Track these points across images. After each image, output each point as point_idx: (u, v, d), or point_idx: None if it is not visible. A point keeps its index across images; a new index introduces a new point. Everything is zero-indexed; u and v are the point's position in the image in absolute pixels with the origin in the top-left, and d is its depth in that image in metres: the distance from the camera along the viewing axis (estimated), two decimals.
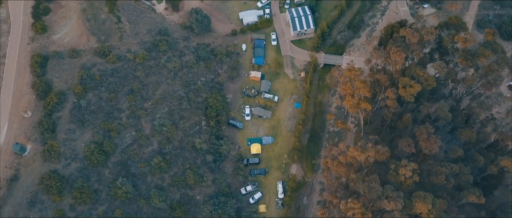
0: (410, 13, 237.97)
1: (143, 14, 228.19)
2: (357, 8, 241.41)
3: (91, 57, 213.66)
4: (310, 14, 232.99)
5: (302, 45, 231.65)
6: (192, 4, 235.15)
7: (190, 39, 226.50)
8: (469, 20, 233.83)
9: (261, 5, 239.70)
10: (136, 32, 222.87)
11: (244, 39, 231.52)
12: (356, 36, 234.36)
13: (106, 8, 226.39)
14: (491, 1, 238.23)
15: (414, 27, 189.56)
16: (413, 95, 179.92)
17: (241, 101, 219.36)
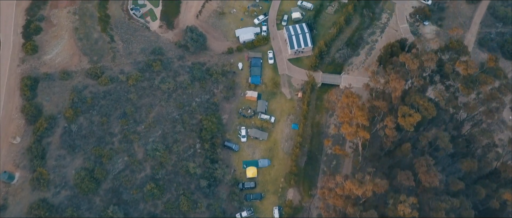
0: (410, 31, 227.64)
1: (137, 32, 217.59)
2: (356, 24, 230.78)
3: (83, 78, 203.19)
4: (308, 31, 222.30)
5: (300, 64, 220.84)
6: (187, 21, 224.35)
7: (185, 58, 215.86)
8: (470, 38, 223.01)
9: (258, 22, 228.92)
10: (130, 52, 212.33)
11: (241, 57, 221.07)
12: (355, 54, 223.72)
13: (98, 26, 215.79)
14: (493, 18, 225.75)
15: (414, 52, 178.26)
16: (412, 125, 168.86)
17: (237, 122, 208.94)
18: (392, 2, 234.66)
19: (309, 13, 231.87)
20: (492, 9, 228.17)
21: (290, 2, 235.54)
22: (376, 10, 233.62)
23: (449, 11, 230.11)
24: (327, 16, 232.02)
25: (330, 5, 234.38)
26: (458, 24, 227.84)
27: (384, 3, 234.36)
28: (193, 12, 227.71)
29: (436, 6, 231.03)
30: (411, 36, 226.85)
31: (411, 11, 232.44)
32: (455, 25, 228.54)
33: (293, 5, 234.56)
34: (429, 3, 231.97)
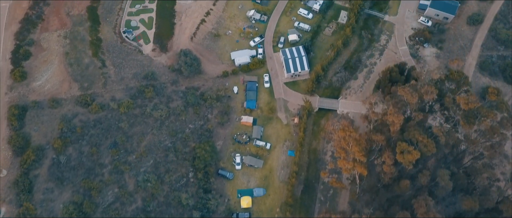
0: (409, 53, 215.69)
1: (129, 56, 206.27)
2: (354, 46, 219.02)
3: (73, 106, 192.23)
4: (304, 55, 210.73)
5: (296, 87, 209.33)
6: (181, 44, 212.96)
7: (178, 83, 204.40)
8: (471, 62, 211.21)
9: (254, 44, 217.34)
10: (122, 77, 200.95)
11: (236, 80, 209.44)
12: (353, 77, 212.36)
13: (90, 51, 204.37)
14: (494, 41, 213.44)
15: (413, 84, 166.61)
16: (411, 163, 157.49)
17: (232, 148, 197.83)
18: (391, 23, 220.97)
19: (306, 35, 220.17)
20: (493, 31, 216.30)
21: (287, 23, 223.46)
22: (375, 31, 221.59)
23: (450, 33, 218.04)
24: (324, 38, 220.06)
25: (327, 26, 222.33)
26: (459, 46, 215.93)
27: (383, 24, 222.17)
28: (187, 34, 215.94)
29: (436, 28, 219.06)
30: (411, 59, 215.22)
31: (411, 33, 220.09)
32: (455, 47, 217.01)
33: (290, 27, 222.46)
34: (429, 25, 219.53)
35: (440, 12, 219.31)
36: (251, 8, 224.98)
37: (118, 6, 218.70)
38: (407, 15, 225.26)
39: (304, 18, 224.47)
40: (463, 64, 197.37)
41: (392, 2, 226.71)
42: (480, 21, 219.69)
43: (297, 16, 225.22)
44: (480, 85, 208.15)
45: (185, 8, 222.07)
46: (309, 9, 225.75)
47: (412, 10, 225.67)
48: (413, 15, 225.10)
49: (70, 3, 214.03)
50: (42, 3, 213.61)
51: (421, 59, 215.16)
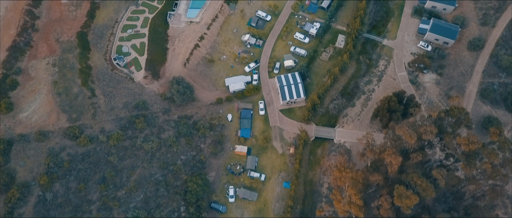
0: (408, 79, 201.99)
1: (120, 84, 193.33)
2: (352, 72, 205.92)
3: (61, 139, 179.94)
4: (300, 81, 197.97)
5: (292, 115, 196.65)
6: (174, 70, 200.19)
7: (170, 112, 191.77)
8: (472, 89, 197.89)
9: (249, 69, 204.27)
10: (112, 107, 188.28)
11: (230, 107, 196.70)
12: (350, 104, 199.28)
13: (79, 79, 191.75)
14: (496, 68, 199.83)
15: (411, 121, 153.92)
16: (409, 207, 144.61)
17: (225, 180, 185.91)
18: (390, 47, 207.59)
19: (302, 60, 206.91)
20: (495, 57, 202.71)
21: (283, 48, 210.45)
22: (373, 56, 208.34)
23: (450, 58, 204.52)
24: (321, 63, 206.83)
25: (324, 51, 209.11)
26: (459, 72, 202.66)
27: (382, 48, 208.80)
28: (180, 60, 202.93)
29: (436, 53, 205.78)
30: (410, 85, 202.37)
31: (410, 58, 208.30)
32: (456, 73, 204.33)
33: (286, 51, 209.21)
34: (428, 49, 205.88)
35: (440, 37, 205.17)
36: (246, 32, 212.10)
37: (109, 31, 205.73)
38: (406, 39, 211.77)
39: (300, 42, 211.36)
40: (464, 103, 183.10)
41: (391, 26, 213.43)
42: (481, 47, 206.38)
43: (293, 40, 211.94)
44: (481, 114, 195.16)
45: (179, 33, 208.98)
46: (305, 33, 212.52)
47: (412, 34, 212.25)
48: (412, 39, 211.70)
49: (60, 29, 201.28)
50: (31, 29, 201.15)
51: (421, 86, 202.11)
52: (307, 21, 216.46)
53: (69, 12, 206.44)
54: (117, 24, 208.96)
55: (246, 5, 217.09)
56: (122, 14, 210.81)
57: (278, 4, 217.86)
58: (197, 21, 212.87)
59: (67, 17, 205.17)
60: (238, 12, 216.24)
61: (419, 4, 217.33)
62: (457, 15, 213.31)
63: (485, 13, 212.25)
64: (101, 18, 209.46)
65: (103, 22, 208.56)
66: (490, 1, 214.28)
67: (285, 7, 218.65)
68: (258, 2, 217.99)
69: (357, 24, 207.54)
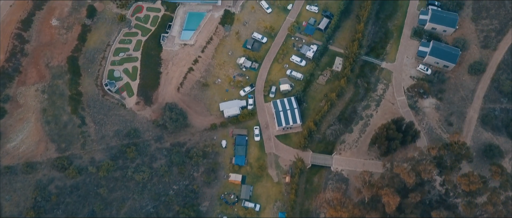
0: (408, 104, 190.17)
1: (111, 111, 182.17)
2: (349, 96, 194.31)
3: (49, 171, 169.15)
4: (296, 107, 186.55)
5: (288, 141, 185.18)
6: (167, 95, 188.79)
7: (163, 139, 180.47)
8: (473, 115, 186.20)
9: (244, 93, 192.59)
10: (102, 135, 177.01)
11: (225, 133, 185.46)
12: (347, 130, 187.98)
13: (69, 107, 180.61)
14: (497, 93, 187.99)
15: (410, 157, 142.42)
16: None
17: (219, 210, 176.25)
18: (388, 70, 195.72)
19: (298, 84, 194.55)
20: (496, 82, 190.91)
21: (279, 71, 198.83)
22: (371, 79, 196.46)
23: (450, 82, 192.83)
24: (318, 87, 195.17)
25: (321, 74, 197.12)
26: (460, 97, 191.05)
27: (380, 71, 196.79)
28: (173, 84, 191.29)
29: (436, 77, 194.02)
30: (409, 111, 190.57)
31: (409, 82, 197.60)
32: (456, 98, 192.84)
33: (282, 75, 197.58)
34: (428, 73, 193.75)
35: (440, 60, 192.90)
36: (241, 54, 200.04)
37: (101, 55, 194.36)
38: (406, 62, 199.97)
39: (297, 65, 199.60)
40: (464, 139, 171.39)
41: (390, 48, 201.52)
42: (482, 70, 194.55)
43: (289, 63, 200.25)
44: (482, 141, 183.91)
45: (172, 56, 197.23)
46: (302, 56, 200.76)
47: (411, 56, 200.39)
48: (411, 62, 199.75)
49: (50, 53, 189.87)
50: (20, 53, 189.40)
51: (420, 111, 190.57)
52: (303, 43, 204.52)
53: (60, 35, 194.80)
54: (109, 47, 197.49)
55: (241, 26, 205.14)
56: (114, 36, 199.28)
57: (274, 25, 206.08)
58: (191, 43, 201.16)
59: (58, 40, 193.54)
60: (233, 34, 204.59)
61: (419, 26, 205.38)
62: (457, 37, 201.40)
63: (486, 35, 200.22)
64: (93, 41, 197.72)
65: (95, 46, 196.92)
66: (491, 23, 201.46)
67: (281, 29, 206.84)
68: (253, 24, 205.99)
69: (355, 47, 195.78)
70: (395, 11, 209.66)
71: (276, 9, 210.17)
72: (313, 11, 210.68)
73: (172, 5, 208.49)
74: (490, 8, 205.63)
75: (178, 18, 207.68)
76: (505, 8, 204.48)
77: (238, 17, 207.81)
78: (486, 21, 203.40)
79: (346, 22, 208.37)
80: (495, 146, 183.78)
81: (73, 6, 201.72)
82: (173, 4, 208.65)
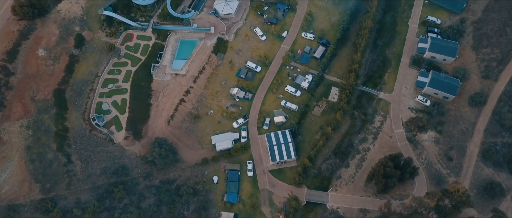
0: (406, 137, 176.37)
1: (98, 147, 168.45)
2: (346, 128, 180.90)
3: (32, 214, 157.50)
4: (291, 141, 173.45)
5: (282, 176, 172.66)
6: (157, 128, 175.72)
7: (152, 176, 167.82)
8: (473, 149, 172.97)
9: (237, 125, 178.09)
10: (89, 174, 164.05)
11: (216, 168, 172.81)
12: (344, 164, 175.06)
13: (54, 144, 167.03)
14: (499, 126, 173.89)
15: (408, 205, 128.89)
16: None
17: None
18: (386, 101, 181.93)
19: (293, 115, 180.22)
20: (497, 115, 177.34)
21: (273, 101, 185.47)
22: (368, 111, 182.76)
23: (450, 114, 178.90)
24: (313, 119, 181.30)
25: (317, 105, 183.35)
26: (460, 130, 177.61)
27: (378, 102, 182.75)
28: (164, 117, 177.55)
29: (435, 108, 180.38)
30: (407, 144, 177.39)
31: (407, 114, 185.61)
32: (456, 131, 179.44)
33: (276, 105, 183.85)
34: (427, 104, 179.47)
35: (439, 91, 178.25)
36: (235, 84, 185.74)
37: (89, 86, 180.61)
38: (404, 92, 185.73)
39: (291, 95, 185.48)
40: (465, 189, 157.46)
41: (388, 77, 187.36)
42: (483, 102, 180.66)
43: (284, 93, 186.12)
44: (483, 178, 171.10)
45: (163, 87, 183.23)
46: (297, 86, 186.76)
47: (410, 86, 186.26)
48: (410, 93, 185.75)
49: (36, 86, 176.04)
50: (5, 87, 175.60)
51: (419, 145, 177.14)
52: (298, 72, 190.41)
53: (47, 66, 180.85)
54: (98, 78, 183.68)
55: (235, 55, 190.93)
56: (103, 67, 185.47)
57: (269, 53, 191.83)
58: (183, 73, 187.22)
59: (44, 72, 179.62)
60: (226, 63, 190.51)
61: (418, 54, 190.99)
62: (457, 66, 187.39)
63: (487, 65, 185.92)
64: (81, 72, 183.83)
65: (83, 77, 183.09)
66: (492, 52, 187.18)
67: (276, 57, 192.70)
68: (247, 52, 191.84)
69: (352, 79, 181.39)
70: (393, 38, 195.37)
71: (271, 36, 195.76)
72: (309, 38, 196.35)
73: (163, 33, 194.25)
74: (491, 36, 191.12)
75: (169, 46, 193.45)
76: (506, 37, 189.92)
77: (232, 45, 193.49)
78: (487, 50, 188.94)
79: (343, 49, 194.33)
80: (497, 184, 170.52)
81: (60, 35, 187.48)
82: (164, 31, 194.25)
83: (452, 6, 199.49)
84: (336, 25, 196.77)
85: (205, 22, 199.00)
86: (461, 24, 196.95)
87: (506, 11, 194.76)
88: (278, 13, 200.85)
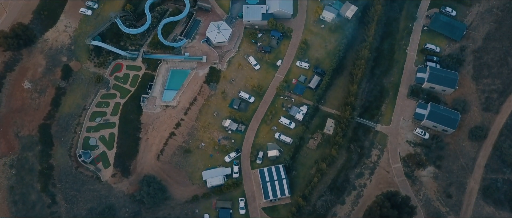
0: (404, 172, 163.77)
1: (84, 186, 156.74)
2: (341, 162, 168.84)
3: None
4: (285, 177, 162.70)
5: (276, 214, 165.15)
6: (146, 164, 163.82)
7: (140, 215, 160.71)
8: (473, 186, 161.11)
9: (229, 160, 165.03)
10: (74, 216, 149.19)
11: (207, 205, 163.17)
12: (339, 201, 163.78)
13: (38, 184, 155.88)
14: (500, 162, 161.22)
15: None
16: None
17: None
18: (384, 134, 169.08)
19: (287, 149, 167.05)
20: (498, 150, 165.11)
21: (267, 134, 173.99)
22: (365, 144, 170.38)
23: (450, 149, 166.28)
24: (308, 153, 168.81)
25: (312, 137, 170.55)
26: (460, 166, 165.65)
27: (375, 135, 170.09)
28: (154, 152, 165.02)
29: (434, 142, 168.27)
30: (405, 180, 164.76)
31: (406, 148, 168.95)
32: (456, 167, 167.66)
33: (270, 137, 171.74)
34: (426, 137, 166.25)
35: (438, 125, 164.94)
36: (227, 115, 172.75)
37: (76, 120, 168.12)
38: (402, 124, 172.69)
39: (285, 127, 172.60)
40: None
41: (385, 108, 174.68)
42: (483, 136, 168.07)
43: (278, 125, 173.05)
44: (484, 216, 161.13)
45: (153, 119, 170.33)
46: (291, 118, 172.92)
47: (408, 118, 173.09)
48: (408, 125, 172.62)
49: (20, 121, 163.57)
50: None
51: (417, 180, 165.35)
52: (293, 103, 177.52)
53: (32, 100, 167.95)
54: (85, 111, 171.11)
55: (228, 84, 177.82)
56: (91, 99, 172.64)
57: (263, 83, 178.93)
58: (174, 105, 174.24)
59: (30, 106, 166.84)
60: (219, 93, 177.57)
61: (416, 84, 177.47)
62: (457, 97, 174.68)
63: (488, 96, 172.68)
64: (67, 105, 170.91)
65: (70, 110, 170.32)
66: (493, 82, 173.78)
67: (270, 87, 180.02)
68: (241, 81, 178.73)
69: (348, 113, 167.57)
70: (391, 67, 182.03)
71: (265, 65, 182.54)
72: (304, 68, 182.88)
73: (153, 63, 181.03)
74: (492, 66, 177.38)
75: (160, 76, 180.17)
76: (507, 67, 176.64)
77: (225, 75, 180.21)
78: (488, 80, 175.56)
79: (339, 79, 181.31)
80: None
81: (47, 66, 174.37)
82: (154, 61, 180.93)
83: (452, 33, 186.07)
84: (332, 54, 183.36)
85: (197, 50, 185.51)
86: (461, 52, 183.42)
87: (507, 40, 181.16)
88: (272, 41, 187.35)
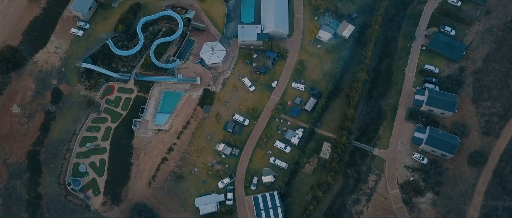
0: (402, 199, 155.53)
1: (74, 215, 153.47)
2: (338, 188, 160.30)
3: None
4: (279, 205, 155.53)
5: None
6: (138, 191, 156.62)
7: None
8: (473, 213, 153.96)
9: (222, 186, 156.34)
10: None
11: None
12: None
13: (26, 214, 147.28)
14: (500, 189, 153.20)
15: None
16: None
17: None
18: (381, 158, 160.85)
19: (282, 174, 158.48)
20: (499, 177, 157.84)
21: (262, 158, 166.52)
22: (362, 168, 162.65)
23: (449, 174, 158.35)
24: (304, 178, 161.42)
25: (307, 162, 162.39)
26: (459, 192, 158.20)
27: (372, 159, 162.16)
28: (145, 178, 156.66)
29: (433, 167, 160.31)
30: (403, 207, 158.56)
31: (403, 174, 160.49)
32: (455, 193, 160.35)
33: (264, 162, 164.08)
34: (424, 162, 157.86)
35: (437, 150, 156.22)
36: (221, 139, 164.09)
37: (65, 146, 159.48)
38: (400, 148, 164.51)
39: (281, 151, 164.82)
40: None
41: (382, 131, 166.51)
42: (483, 162, 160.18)
43: (273, 149, 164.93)
44: None
45: (145, 144, 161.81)
46: (286, 141, 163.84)
47: (406, 142, 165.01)
48: (406, 149, 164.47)
49: (8, 148, 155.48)
50: None
51: (415, 207, 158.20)
52: (288, 125, 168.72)
53: (21, 125, 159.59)
54: (75, 136, 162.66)
55: (222, 106, 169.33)
56: (82, 123, 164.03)
57: (257, 105, 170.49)
58: (166, 129, 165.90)
59: (18, 131, 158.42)
60: (212, 116, 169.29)
61: (414, 107, 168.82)
62: (456, 120, 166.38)
63: (488, 120, 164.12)
64: (57, 130, 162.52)
65: (59, 136, 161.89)
66: (493, 105, 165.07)
67: (265, 109, 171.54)
68: (235, 103, 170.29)
69: (344, 138, 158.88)
70: (389, 88, 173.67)
71: (260, 87, 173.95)
72: (299, 89, 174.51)
73: (146, 85, 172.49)
74: (492, 88, 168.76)
75: (152, 98, 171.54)
76: (508, 89, 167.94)
77: (219, 96, 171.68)
78: (488, 103, 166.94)
79: (335, 101, 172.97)
80: None
81: (36, 90, 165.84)
82: (147, 83, 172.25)
83: (451, 53, 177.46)
84: (328, 75, 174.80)
85: (191, 71, 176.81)
86: (460, 73, 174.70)
87: (507, 61, 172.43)
88: (268, 62, 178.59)
